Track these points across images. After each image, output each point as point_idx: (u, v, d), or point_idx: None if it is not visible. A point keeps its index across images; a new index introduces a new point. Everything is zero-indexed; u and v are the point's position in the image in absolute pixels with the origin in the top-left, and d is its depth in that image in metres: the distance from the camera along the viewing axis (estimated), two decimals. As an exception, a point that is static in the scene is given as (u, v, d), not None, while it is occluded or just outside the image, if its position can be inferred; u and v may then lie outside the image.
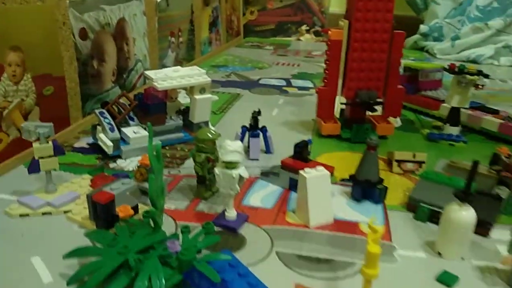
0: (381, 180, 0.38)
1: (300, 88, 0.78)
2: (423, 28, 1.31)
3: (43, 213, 0.33)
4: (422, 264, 0.30)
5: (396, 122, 0.61)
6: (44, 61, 0.45)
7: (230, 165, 0.31)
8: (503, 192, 0.37)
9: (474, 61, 1.14)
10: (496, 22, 1.18)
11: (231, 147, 0.31)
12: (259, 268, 0.29)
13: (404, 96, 0.65)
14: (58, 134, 0.47)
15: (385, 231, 0.34)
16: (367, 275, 0.22)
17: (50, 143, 0.34)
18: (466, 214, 0.29)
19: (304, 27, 1.45)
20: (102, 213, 0.30)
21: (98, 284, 0.25)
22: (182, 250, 0.26)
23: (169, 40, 0.79)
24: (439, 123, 0.57)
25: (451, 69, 0.53)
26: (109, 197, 0.30)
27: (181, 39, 0.86)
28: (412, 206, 0.36)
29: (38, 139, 0.34)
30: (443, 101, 0.59)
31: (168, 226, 0.33)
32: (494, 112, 0.59)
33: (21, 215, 0.33)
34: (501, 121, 0.55)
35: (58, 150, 0.35)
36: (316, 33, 1.48)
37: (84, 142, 0.49)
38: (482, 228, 0.33)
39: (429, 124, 0.60)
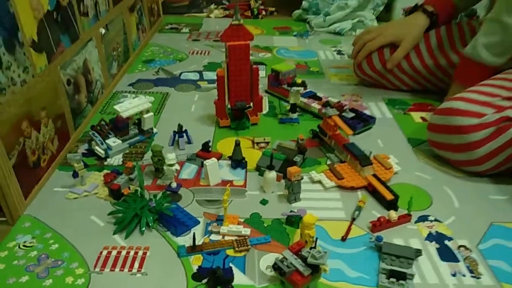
0: (243, 158, 0.78)
1: (209, 81, 1.15)
2: (304, 3, 1.68)
3: (85, 196, 0.71)
4: (256, 197, 0.72)
5: (265, 108, 1.01)
6: (48, 103, 0.79)
7: (171, 165, 0.70)
8: (298, 157, 0.79)
9: (338, 33, 1.55)
10: (353, 2, 1.58)
11: (170, 157, 0.70)
12: (189, 208, 0.69)
13: (273, 88, 1.06)
14: (65, 145, 0.82)
15: (243, 184, 0.75)
16: (224, 202, 0.63)
17: (81, 162, 0.70)
18: (271, 175, 0.71)
19: (212, 6, 1.77)
20: (116, 193, 0.69)
21: (126, 224, 0.63)
22: (155, 204, 0.66)
23: (112, 55, 1.11)
24: (287, 109, 0.98)
25: (288, 82, 0.93)
26: (118, 186, 0.69)
27: (119, 49, 1.17)
28: (258, 169, 0.78)
29: (77, 163, 0.70)
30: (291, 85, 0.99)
31: (146, 194, 0.71)
32: (319, 99, 1.01)
33: (74, 198, 0.70)
34: (320, 106, 0.97)
35: (86, 166, 0.71)
36: (224, 8, 1.80)
37: (82, 149, 0.84)
38: (284, 177, 0.76)
39: (284, 109, 1.00)
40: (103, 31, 1.03)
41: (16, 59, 0.66)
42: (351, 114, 0.92)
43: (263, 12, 1.76)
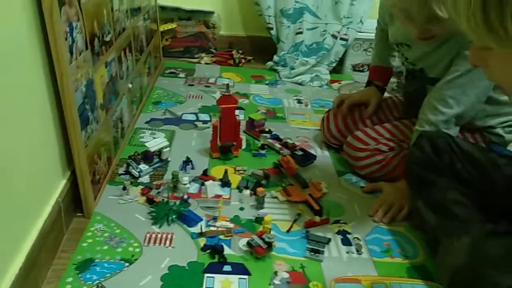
0: (229, 181, 1.22)
1: (204, 121, 1.59)
2: (275, 58, 2.14)
3: (130, 202, 1.13)
4: (236, 205, 1.16)
5: (243, 145, 1.46)
6: (104, 142, 1.21)
7: (185, 184, 1.13)
8: (265, 181, 1.24)
9: (300, 84, 2.02)
10: (312, 60, 2.06)
11: (185, 179, 1.13)
12: (196, 211, 1.12)
13: (249, 130, 1.51)
14: (110, 168, 1.24)
15: (229, 197, 1.19)
16: (218, 208, 1.07)
17: (128, 181, 1.13)
18: (246, 192, 1.15)
19: (203, 54, 2.22)
20: (151, 201, 1.11)
21: (159, 219, 1.06)
22: (176, 208, 1.09)
23: (133, 100, 1.53)
24: (258, 146, 1.43)
25: (259, 129, 1.39)
26: (152, 196, 1.11)
27: (137, 95, 1.60)
28: (238, 188, 1.22)
29: (126, 181, 1.12)
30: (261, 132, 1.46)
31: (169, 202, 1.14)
32: (281, 140, 1.47)
33: (123, 203, 1.12)
34: (280, 146, 1.42)
35: (131, 183, 1.14)
36: (212, 55, 2.24)
37: (121, 170, 1.26)
38: (254, 194, 1.19)
39: (256, 146, 1.45)
40: (130, 85, 1.45)
41: (94, 117, 1.08)
42: (300, 152, 1.38)
43: (243, 61, 2.22)
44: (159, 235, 1.02)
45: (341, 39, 2.07)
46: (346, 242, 1.07)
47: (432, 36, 1.00)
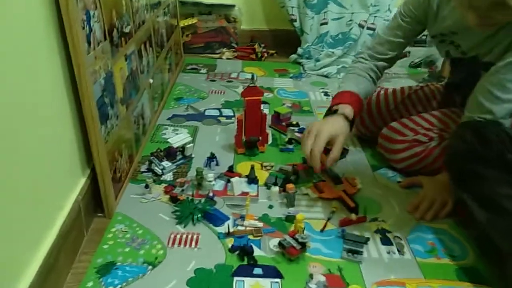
0: (256, 177, 1.14)
1: (227, 117, 1.52)
2: (299, 50, 2.07)
3: (153, 200, 1.07)
4: (265, 203, 1.08)
5: (269, 140, 1.38)
6: (125, 139, 1.15)
7: (210, 181, 1.07)
8: (293, 177, 1.16)
9: (326, 76, 1.93)
10: (338, 51, 1.97)
11: (210, 176, 1.07)
12: (222, 209, 1.05)
13: (275, 124, 1.44)
14: (132, 165, 1.18)
15: (257, 194, 1.11)
16: (246, 206, 0.99)
17: (151, 179, 1.07)
18: (275, 189, 1.08)
19: (224, 49, 2.15)
20: (175, 199, 1.05)
21: (184, 219, 0.99)
22: (201, 206, 1.02)
23: (154, 96, 1.48)
24: (286, 141, 1.35)
25: (285, 123, 1.31)
26: (176, 194, 1.05)
27: (159, 91, 1.54)
28: (266, 184, 1.14)
29: (148, 179, 1.06)
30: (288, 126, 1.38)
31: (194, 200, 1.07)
32: (309, 133, 1.39)
33: (146, 202, 1.06)
34: (308, 139, 1.34)
35: (154, 181, 1.08)
36: (234, 50, 2.18)
37: (143, 168, 1.20)
38: (283, 191, 1.12)
39: (283, 140, 1.38)
40: (151, 81, 1.40)
41: (114, 112, 1.03)
42: (331, 146, 1.29)
43: (265, 55, 2.14)
44: (184, 236, 0.96)
45: (368, 28, 1.98)
46: (386, 241, 0.98)
47: (493, 23, 0.90)
